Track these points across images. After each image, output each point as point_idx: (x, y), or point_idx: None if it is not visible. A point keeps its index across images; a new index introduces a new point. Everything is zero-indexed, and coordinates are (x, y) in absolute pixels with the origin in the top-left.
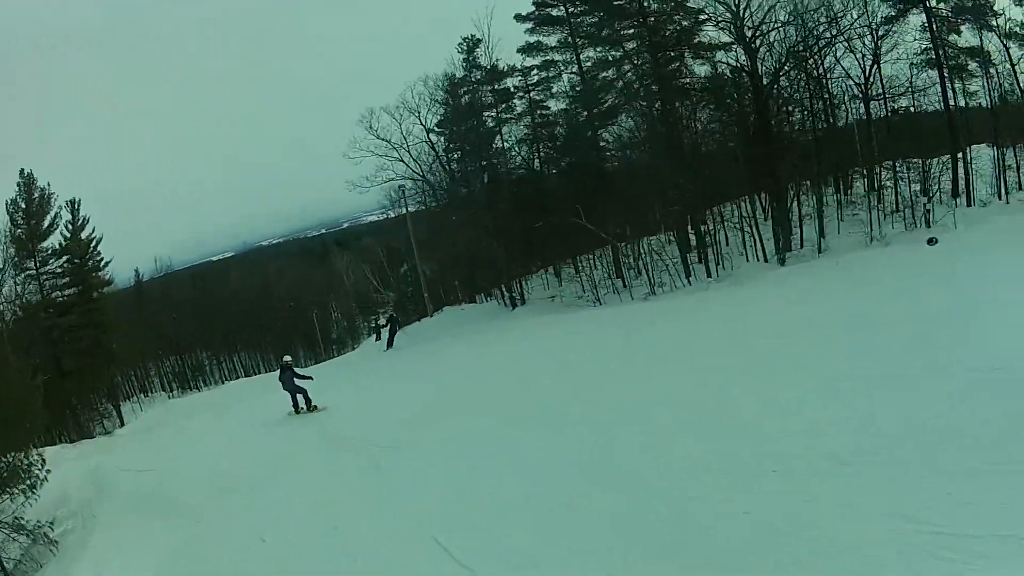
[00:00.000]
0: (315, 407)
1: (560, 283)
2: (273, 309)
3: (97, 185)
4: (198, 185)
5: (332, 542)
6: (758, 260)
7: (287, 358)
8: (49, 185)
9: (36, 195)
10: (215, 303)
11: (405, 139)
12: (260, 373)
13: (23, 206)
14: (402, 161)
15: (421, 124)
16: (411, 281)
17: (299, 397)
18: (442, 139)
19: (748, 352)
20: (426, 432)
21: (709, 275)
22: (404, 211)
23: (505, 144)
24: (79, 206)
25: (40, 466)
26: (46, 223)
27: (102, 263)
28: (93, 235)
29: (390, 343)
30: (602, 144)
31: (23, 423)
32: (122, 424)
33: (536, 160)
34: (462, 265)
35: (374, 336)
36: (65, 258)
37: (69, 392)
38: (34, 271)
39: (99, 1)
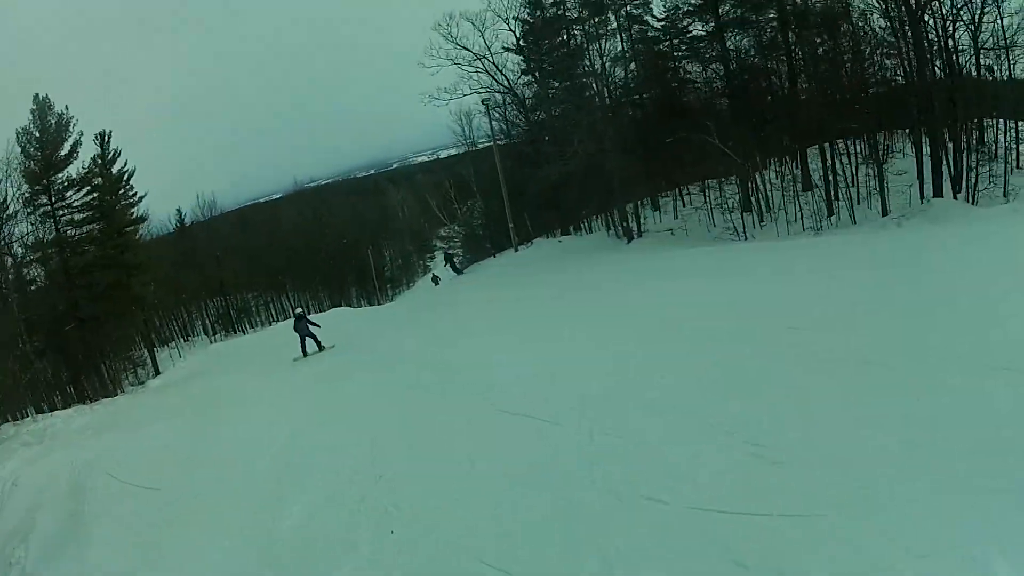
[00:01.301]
0: (323, 347)
1: (676, 215)
2: (324, 248)
3: (137, 124)
4: (244, 125)
5: None
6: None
7: (299, 309)
8: (68, 109)
9: (52, 121)
10: (263, 243)
11: (488, 48)
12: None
13: (36, 135)
14: (486, 73)
15: (510, 30)
16: (480, 214)
17: (308, 341)
18: (521, 58)
19: None
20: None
21: (885, 212)
22: (469, 141)
23: (598, 63)
24: (109, 138)
25: None
26: (64, 151)
27: (135, 197)
28: (125, 168)
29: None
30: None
31: None
32: (157, 373)
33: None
34: (557, 191)
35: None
36: (85, 191)
37: (92, 342)
38: (49, 207)
39: None
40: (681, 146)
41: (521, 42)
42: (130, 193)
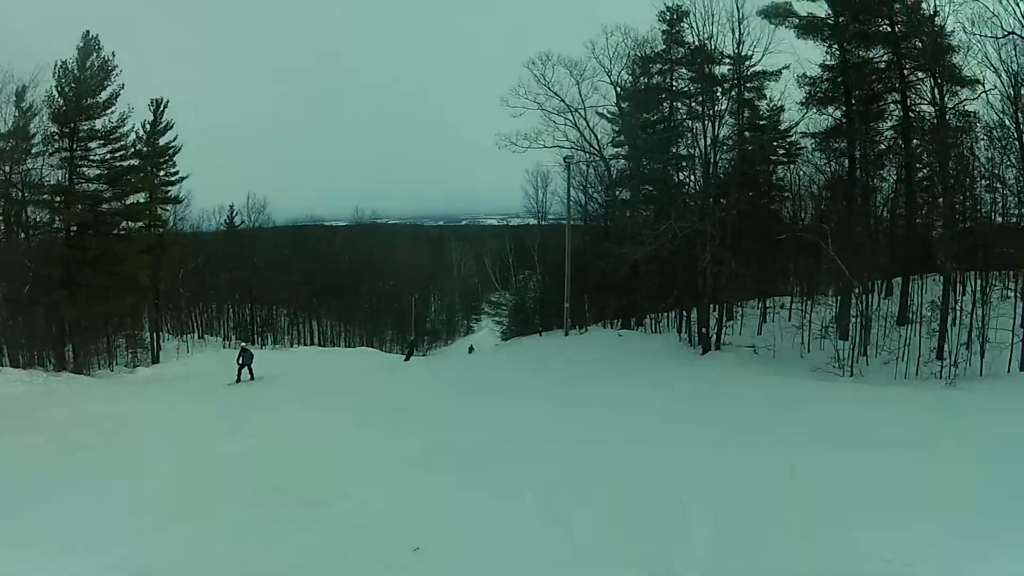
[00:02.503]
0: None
1: (759, 329)
2: (370, 284)
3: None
4: (311, 143)
5: None
6: None
7: (245, 343)
8: (114, 56)
9: (95, 63)
10: (308, 261)
11: (583, 102)
12: (338, 346)
13: (75, 73)
14: (575, 128)
15: (611, 83)
16: (536, 286)
17: (244, 371)
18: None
19: None
20: None
21: None
22: (540, 204)
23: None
24: (165, 107)
25: None
26: (100, 98)
27: (176, 176)
28: (173, 144)
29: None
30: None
31: None
32: (153, 361)
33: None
34: (628, 277)
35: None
36: (108, 148)
37: (80, 309)
38: (68, 153)
39: None
40: (779, 250)
41: (619, 105)
42: (172, 170)
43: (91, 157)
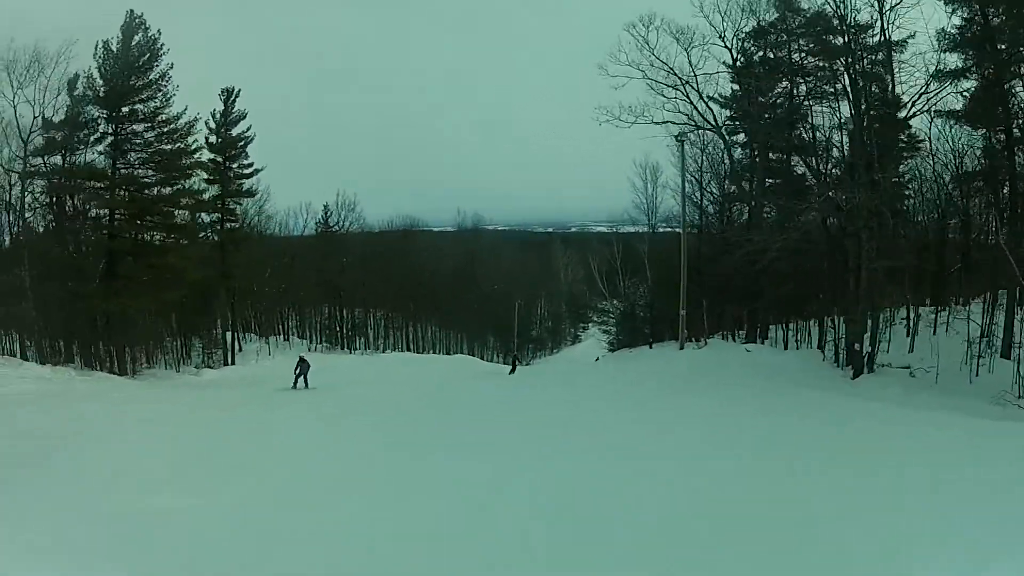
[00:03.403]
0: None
1: (911, 347)
2: (472, 289)
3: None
4: (410, 147)
5: None
6: None
7: (303, 354)
8: (160, 34)
9: (140, 40)
10: (407, 264)
11: (694, 72)
12: (437, 352)
13: (116, 52)
14: (687, 101)
15: (725, 46)
16: (646, 293)
17: (301, 379)
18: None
19: None
20: None
21: None
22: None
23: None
24: (236, 97)
25: None
26: (143, 81)
27: (250, 169)
28: (246, 135)
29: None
30: None
31: None
32: (227, 363)
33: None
34: (755, 278)
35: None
36: (156, 132)
37: (114, 305)
38: (112, 137)
39: None
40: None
41: (735, 74)
42: (246, 162)
43: (135, 141)
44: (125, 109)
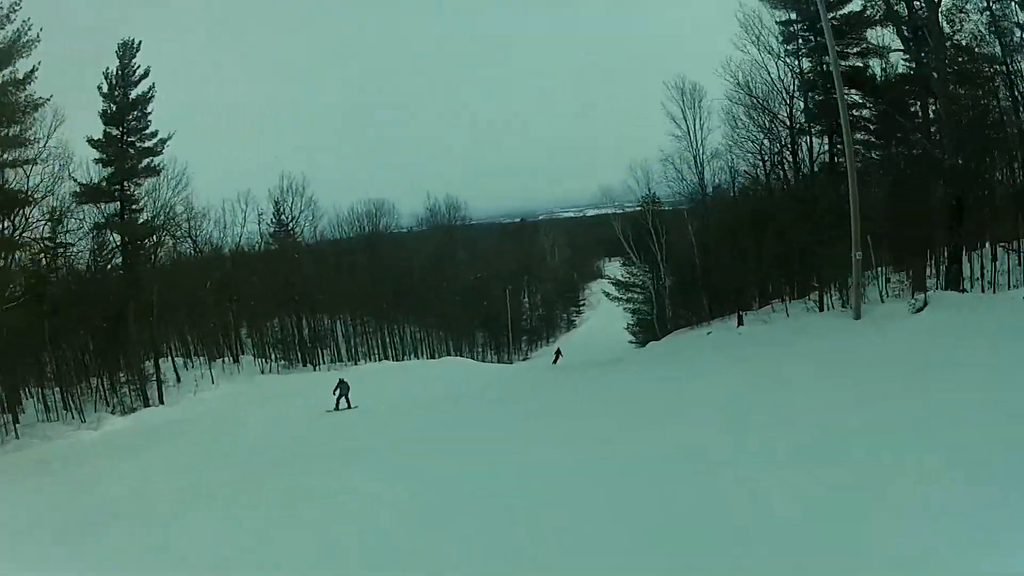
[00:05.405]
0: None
1: None
2: (451, 282)
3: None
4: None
5: None
6: None
7: (342, 376)
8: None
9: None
10: (375, 269)
11: None
12: (415, 357)
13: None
14: None
15: None
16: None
17: (342, 400)
18: None
19: None
20: None
21: None
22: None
23: None
24: (136, 51)
25: None
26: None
27: (153, 140)
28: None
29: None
30: None
31: None
32: (150, 404)
33: None
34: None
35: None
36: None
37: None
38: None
39: None
40: None
41: None
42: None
43: None
44: None
